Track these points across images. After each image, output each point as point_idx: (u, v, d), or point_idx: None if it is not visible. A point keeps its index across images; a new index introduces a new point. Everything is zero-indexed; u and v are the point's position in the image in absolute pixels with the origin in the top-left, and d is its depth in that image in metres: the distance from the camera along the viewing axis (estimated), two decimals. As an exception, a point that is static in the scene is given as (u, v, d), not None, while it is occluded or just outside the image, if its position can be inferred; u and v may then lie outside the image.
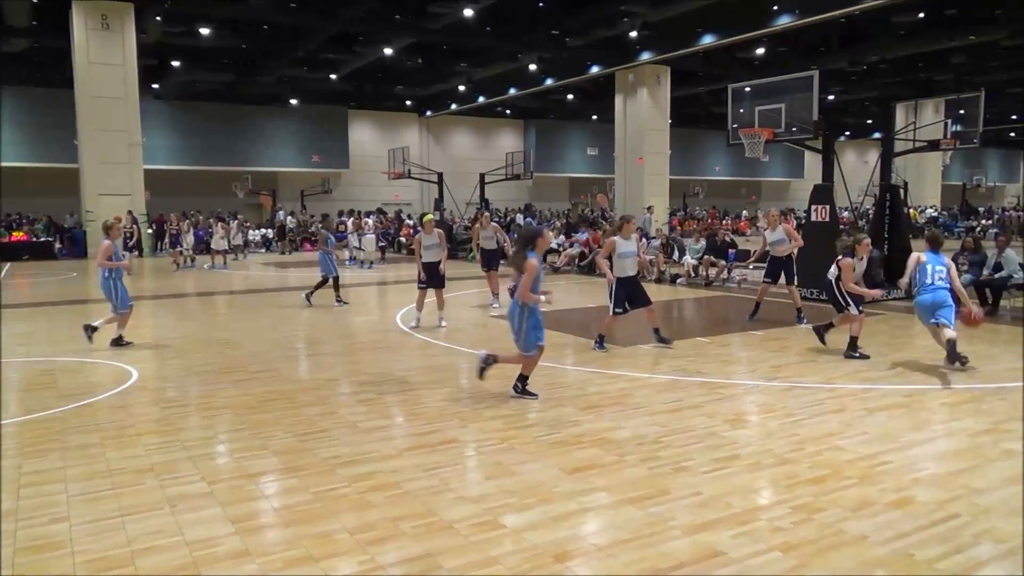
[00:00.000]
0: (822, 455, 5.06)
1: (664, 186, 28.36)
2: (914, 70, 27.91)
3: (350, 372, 7.88)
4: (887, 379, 7.28)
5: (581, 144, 41.96)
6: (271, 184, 34.51)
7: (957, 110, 16.26)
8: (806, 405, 6.34)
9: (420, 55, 27.49)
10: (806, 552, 3.65)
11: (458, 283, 17.25)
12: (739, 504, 4.24)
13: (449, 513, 4.14)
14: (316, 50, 25.76)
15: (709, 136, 41.26)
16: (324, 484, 4.60)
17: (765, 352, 8.67)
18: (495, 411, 6.22)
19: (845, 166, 15.69)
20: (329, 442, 5.43)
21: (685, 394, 6.74)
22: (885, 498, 4.31)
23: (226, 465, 5.05)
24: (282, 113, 34.96)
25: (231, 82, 30.08)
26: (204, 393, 6.98)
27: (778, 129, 13.00)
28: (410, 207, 37.26)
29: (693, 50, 24.01)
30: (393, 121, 38.54)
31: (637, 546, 3.72)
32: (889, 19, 21.64)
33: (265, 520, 4.15)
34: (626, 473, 4.75)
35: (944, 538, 3.79)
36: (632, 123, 27.59)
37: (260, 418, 6.08)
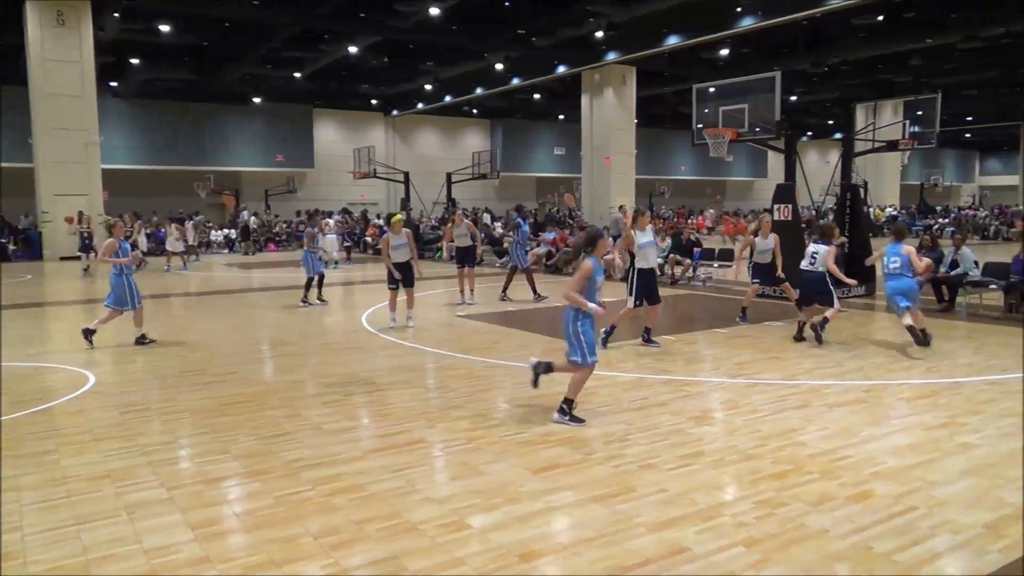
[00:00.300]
0: (784, 450, 5.13)
1: (630, 185, 28.56)
2: (874, 72, 28.47)
3: (315, 374, 7.79)
4: (847, 375, 7.41)
5: (548, 144, 42.04)
6: (234, 184, 33.99)
7: (915, 111, 16.61)
8: (769, 401, 6.42)
9: (386, 54, 27.30)
10: (768, 546, 3.69)
11: (424, 283, 17.17)
12: (703, 500, 4.27)
13: (415, 514, 4.11)
14: (280, 48, 25.43)
15: (674, 136, 41.62)
16: (287, 488, 4.53)
17: (730, 350, 8.77)
18: (462, 411, 6.20)
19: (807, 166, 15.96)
20: (293, 445, 5.36)
21: (651, 392, 6.79)
22: (845, 492, 4.37)
23: (186, 470, 4.95)
24: (245, 112, 34.46)
25: (192, 80, 29.56)
26: (164, 397, 6.85)
27: (742, 129, 13.16)
28: (376, 207, 37.00)
29: (658, 51, 24.19)
30: (359, 120, 38.22)
31: (602, 544, 3.73)
32: (850, 21, 22.04)
33: (226, 526, 4.08)
34: (592, 471, 4.76)
35: (902, 531, 3.86)
36: (598, 123, 27.73)
37: (222, 421, 5.97)
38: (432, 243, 25.16)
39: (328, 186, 36.99)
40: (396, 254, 10.57)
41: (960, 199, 53.02)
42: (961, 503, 4.22)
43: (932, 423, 5.73)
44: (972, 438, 5.36)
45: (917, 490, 4.40)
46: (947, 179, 51.48)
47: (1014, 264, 11.07)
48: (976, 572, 3.45)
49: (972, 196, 53.87)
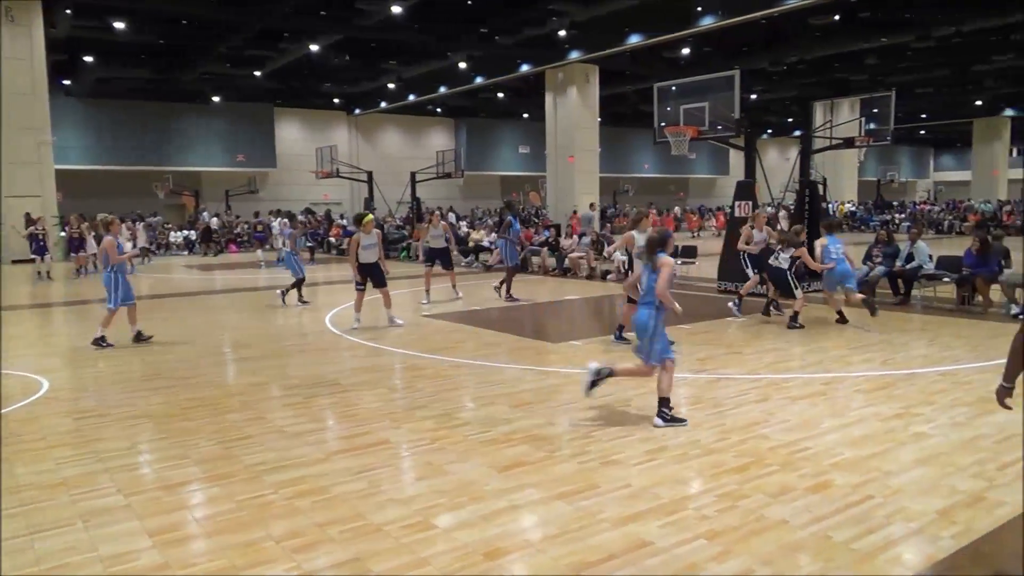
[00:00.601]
0: (746, 444, 5.20)
1: (595, 183, 28.71)
2: (831, 71, 28.98)
3: (278, 376, 7.69)
4: (807, 368, 7.54)
5: (512, 142, 42.07)
6: (194, 184, 33.43)
7: (871, 109, 17.00)
8: (731, 396, 6.51)
9: (348, 52, 27.06)
10: (730, 539, 3.74)
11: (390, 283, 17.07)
12: (667, 495, 4.31)
13: (379, 516, 4.09)
14: (240, 46, 25.04)
15: (637, 134, 41.90)
16: (249, 492, 4.47)
17: (692, 345, 8.86)
18: (427, 411, 6.17)
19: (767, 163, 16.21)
20: (255, 448, 5.29)
21: (615, 388, 6.81)
22: (804, 483, 4.45)
23: (145, 476, 4.85)
24: (205, 111, 33.88)
25: (149, 79, 28.96)
26: (121, 402, 6.70)
27: (703, 127, 13.32)
28: (340, 206, 36.68)
29: (620, 49, 24.34)
30: (321, 119, 37.83)
31: (567, 540, 3.75)
32: (807, 21, 22.43)
33: (186, 531, 4.01)
34: (556, 469, 4.78)
35: (859, 519, 3.94)
36: (562, 121, 27.83)
37: (182, 426, 5.87)
38: (397, 243, 25.03)
39: (290, 186, 36.55)
40: (366, 254, 10.46)
41: (915, 195, 54.29)
42: (915, 491, 4.32)
43: (888, 414, 5.86)
44: (926, 428, 5.50)
45: (873, 480, 4.50)
46: (903, 175, 52.73)
47: (966, 257, 11.36)
48: (930, 558, 3.54)
49: (927, 191, 55.18)
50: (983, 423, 5.56)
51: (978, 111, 39.33)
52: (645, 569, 3.45)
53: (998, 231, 13.05)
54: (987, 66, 27.86)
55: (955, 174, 57.10)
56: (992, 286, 10.92)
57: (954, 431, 5.42)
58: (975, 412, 5.84)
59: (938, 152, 61.71)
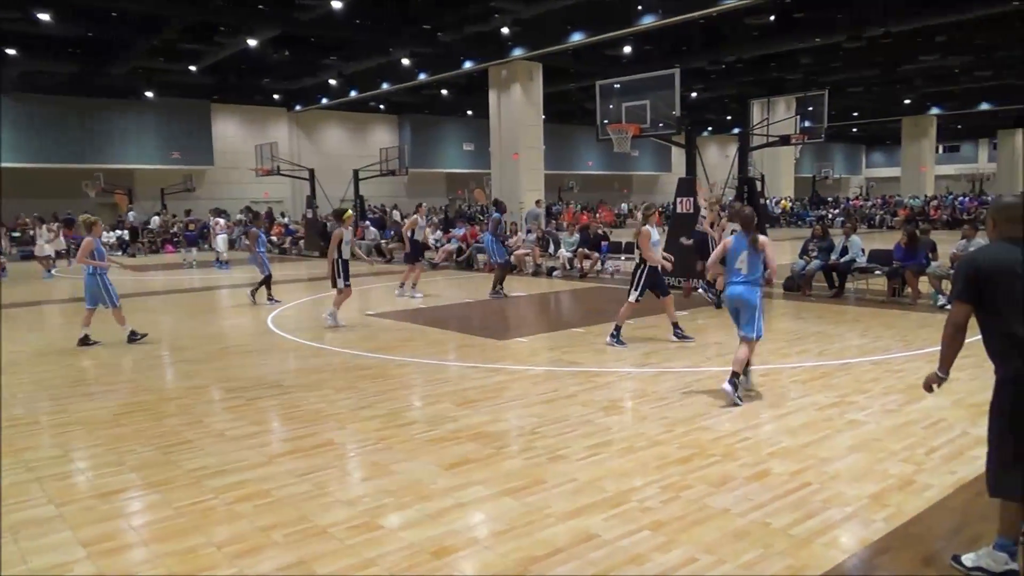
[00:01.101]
0: (689, 435, 5.30)
1: (540, 181, 28.78)
2: (767, 70, 29.67)
3: (217, 378, 7.51)
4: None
5: (457, 139, 41.90)
6: (127, 182, 32.30)
7: (806, 107, 17.46)
8: (675, 389, 6.62)
9: (287, 47, 26.52)
10: (673, 528, 3.81)
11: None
12: (612, 488, 4.37)
13: (324, 518, 4.03)
14: (173, 40, 24.29)
15: (581, 131, 42.25)
16: (189, 498, 4.36)
17: (637, 340, 8.98)
18: (372, 411, 6.11)
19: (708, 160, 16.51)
20: (194, 453, 5.15)
21: (560, 384, 6.88)
22: (745, 472, 4.56)
23: (78, 485, 4.68)
24: (137, 107, 32.73)
25: (78, 73, 27.86)
26: (52, 409, 6.45)
27: (644, 125, 13.49)
28: (281, 204, 35.98)
29: (563, 47, 24.46)
30: (260, 116, 37.00)
31: (514, 536, 3.76)
32: (743, 21, 22.92)
33: (123, 540, 3.88)
34: (503, 465, 4.79)
35: (797, 506, 4.06)
36: (507, 118, 27.83)
37: (117, 432, 5.68)
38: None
39: (229, 184, 35.67)
40: (347, 250, 10.44)
41: (849, 191, 56.10)
42: (849, 477, 4.47)
43: (823, 403, 6.05)
44: (859, 415, 5.70)
45: (810, 467, 4.63)
46: (837, 171, 54.41)
47: (896, 251, 11.80)
48: (863, 540, 3.67)
49: (860, 187, 57.06)
50: (912, 410, 5.78)
51: (906, 110, 40.83)
52: (591, 562, 3.49)
53: (925, 225, 13.55)
54: (914, 66, 28.93)
55: (886, 170, 59.19)
56: (920, 278, 11.37)
57: (886, 418, 5.62)
58: (905, 399, 6.08)
59: (870, 149, 63.94)
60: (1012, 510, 3.25)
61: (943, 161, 53.72)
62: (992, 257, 3.25)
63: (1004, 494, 3.24)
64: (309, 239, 25.56)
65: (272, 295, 13.04)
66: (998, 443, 3.27)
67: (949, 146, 56.69)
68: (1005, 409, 3.22)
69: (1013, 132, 47.31)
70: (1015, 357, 3.16)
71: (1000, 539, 3.26)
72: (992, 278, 3.20)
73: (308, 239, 25.74)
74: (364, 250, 22.42)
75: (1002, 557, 3.23)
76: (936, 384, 3.49)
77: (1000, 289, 3.18)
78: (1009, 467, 3.19)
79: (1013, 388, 3.18)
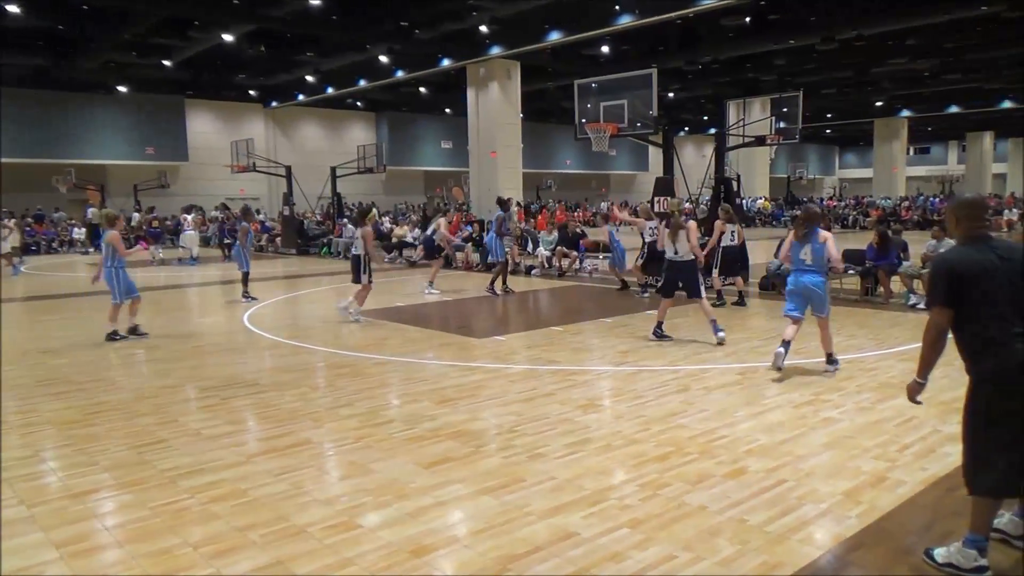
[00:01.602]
0: (666, 433, 5.34)
1: (518, 179, 28.80)
2: (743, 70, 29.95)
3: (192, 377, 7.42)
4: (723, 359, 7.79)
5: (435, 137, 41.78)
6: (99, 178, 31.81)
7: (780, 108, 17.63)
8: (652, 387, 6.66)
9: (263, 43, 26.26)
10: (651, 526, 3.83)
11: (312, 280, 16.74)
12: (590, 486, 4.38)
13: (301, 518, 4.00)
14: (145, 34, 23.93)
15: (559, 130, 42.34)
16: (163, 498, 4.31)
17: (614, 339, 9.03)
18: (350, 410, 6.08)
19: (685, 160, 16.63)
20: (169, 453, 5.09)
21: (539, 383, 6.89)
22: (721, 470, 4.61)
23: (49, 485, 4.60)
24: (110, 101, 32.23)
25: (47, 67, 27.35)
26: (20, 408, 6.33)
27: (622, 124, 13.55)
28: (257, 201, 35.63)
29: (541, 46, 24.49)
30: (236, 112, 36.61)
31: (493, 534, 3.76)
32: (720, 22, 23.11)
33: (96, 541, 3.82)
34: (482, 464, 4.79)
35: (773, 503, 4.11)
36: (484, 117, 27.80)
37: (89, 432, 5.59)
38: (317, 239, 24.51)
39: (204, 180, 35.24)
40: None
41: (823, 191, 56.80)
42: (824, 474, 4.53)
43: (799, 401, 6.12)
44: (834, 413, 5.77)
45: (786, 464, 4.69)
46: (811, 172, 55.07)
47: (868, 251, 11.96)
48: (837, 536, 3.72)
49: (834, 188, 57.80)
50: (885, 407, 5.87)
51: (878, 111, 41.44)
52: (570, 560, 3.50)
53: (897, 226, 13.77)
54: (885, 69, 29.36)
55: (859, 171, 60.05)
56: (892, 277, 11.54)
57: (859, 415, 5.71)
58: (878, 397, 6.17)
59: (843, 150, 64.81)
60: (985, 507, 3.30)
61: (914, 163, 54.59)
62: (966, 259, 3.28)
63: (981, 492, 3.28)
64: (286, 236, 25.35)
65: (248, 292, 12.92)
66: (973, 442, 3.31)
67: (920, 148, 57.63)
68: (980, 409, 3.27)
69: (981, 134, 48.27)
70: (990, 357, 3.21)
71: (971, 535, 3.31)
72: (969, 280, 3.23)
73: (285, 236, 25.52)
74: (342, 247, 22.35)
75: (971, 554, 3.28)
76: (919, 392, 3.55)
77: (977, 290, 3.22)
78: (985, 466, 3.24)
79: (989, 388, 3.23)
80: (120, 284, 9.26)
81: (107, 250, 9.29)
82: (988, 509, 3.30)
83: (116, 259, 9.23)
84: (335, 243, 22.87)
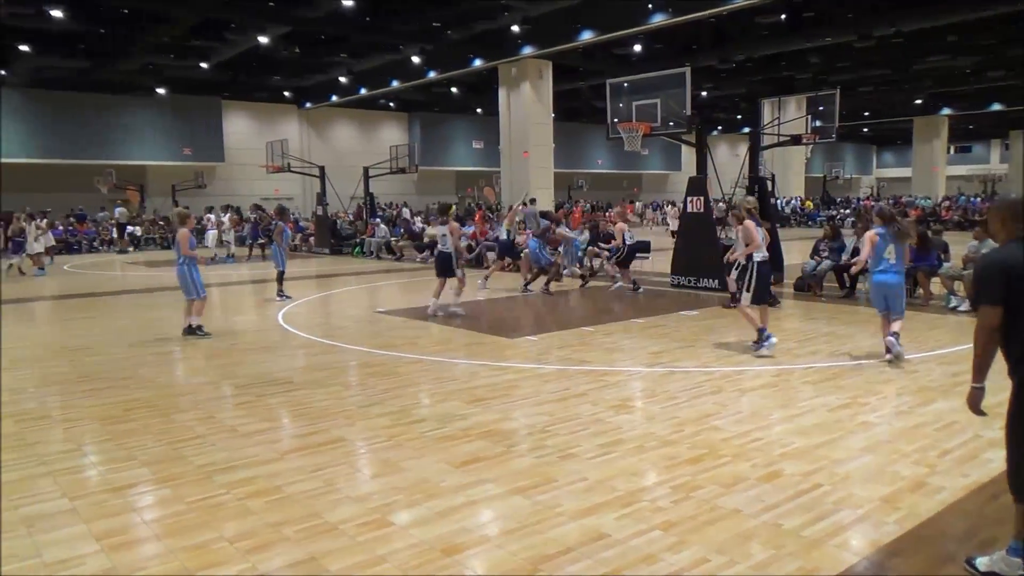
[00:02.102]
0: (700, 435, 5.28)
1: (549, 179, 28.79)
2: (777, 69, 29.54)
3: (227, 374, 7.54)
4: (758, 361, 7.69)
5: (467, 137, 41.91)
6: (138, 178, 32.48)
7: (816, 107, 17.35)
8: (685, 388, 6.60)
9: (297, 44, 26.57)
10: (684, 529, 3.80)
11: (342, 279, 16.89)
12: (623, 487, 4.36)
13: (334, 514, 4.04)
14: (184, 37, 24.37)
15: (591, 130, 42.20)
16: (200, 493, 4.38)
17: (646, 340, 8.96)
18: (381, 408, 6.12)
19: (718, 159, 16.38)
20: (205, 448, 5.17)
21: (571, 383, 6.87)
22: (756, 473, 4.55)
23: (90, 479, 4.71)
24: (149, 103, 32.88)
25: (89, 69, 27.99)
26: (63, 404, 6.49)
27: (655, 124, 13.44)
28: (292, 201, 36.06)
29: (573, 46, 24.42)
30: (270, 113, 37.11)
31: (524, 534, 3.76)
32: (753, 20, 22.84)
33: (135, 535, 3.90)
34: (513, 464, 4.79)
35: (808, 507, 4.04)
36: (516, 117, 27.82)
37: (128, 427, 5.71)
38: (350, 238, 24.72)
39: (240, 181, 35.78)
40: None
41: (860, 190, 55.82)
42: (861, 478, 4.45)
43: (835, 404, 6.02)
44: (871, 416, 5.67)
45: (822, 468, 4.61)
46: (847, 171, 54.15)
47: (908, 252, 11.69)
48: (875, 543, 3.65)
49: (871, 188, 56.78)
50: (925, 411, 5.75)
51: (917, 110, 40.60)
52: (601, 561, 3.48)
53: (937, 226, 13.47)
54: (925, 66, 28.75)
55: (897, 171, 58.88)
56: (932, 279, 11.30)
57: (898, 420, 5.59)
58: (917, 401, 6.04)
59: (880, 149, 63.61)
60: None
61: (955, 162, 53.38)
62: (1018, 259, 3.16)
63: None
64: (319, 236, 25.61)
65: (283, 290, 13.09)
66: (1018, 447, 3.20)
67: (960, 146, 56.35)
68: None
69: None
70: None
71: (1015, 543, 3.22)
72: (1017, 279, 3.11)
73: (318, 236, 25.78)
74: (375, 247, 22.50)
75: (1016, 562, 3.19)
76: (980, 400, 3.32)
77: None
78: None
79: None
80: (188, 279, 9.41)
81: (177, 248, 9.48)
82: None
83: (187, 256, 9.39)
84: (367, 243, 23.04)
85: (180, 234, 9.49)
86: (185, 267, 9.45)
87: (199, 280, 9.53)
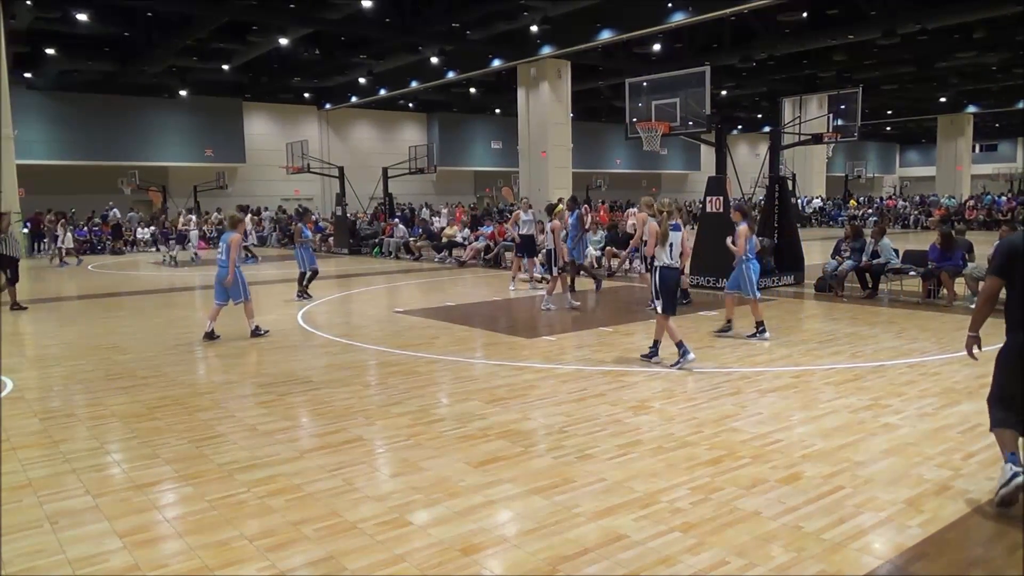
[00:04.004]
0: (719, 437, 5.25)
1: (568, 179, 28.76)
2: (799, 67, 29.31)
3: (248, 374, 7.60)
4: (777, 362, 7.63)
5: (485, 137, 41.99)
6: (161, 179, 32.89)
7: (838, 105, 17.16)
8: (704, 389, 6.57)
9: (318, 46, 26.77)
10: (703, 530, 3.77)
11: (362, 279, 16.98)
12: (641, 488, 4.34)
13: (353, 513, 4.06)
14: (206, 39, 24.66)
15: (610, 129, 42.12)
16: (221, 491, 4.42)
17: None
18: (401, 408, 6.15)
19: (738, 159, 16.33)
20: (226, 447, 5.22)
21: (589, 383, 6.86)
22: (776, 475, 4.51)
23: (113, 476, 4.77)
24: (171, 105, 33.30)
25: (114, 72, 28.40)
26: (88, 402, 6.58)
27: (674, 123, 13.37)
28: (311, 202, 36.32)
29: (592, 45, 24.39)
30: (291, 114, 37.41)
31: (543, 535, 3.76)
32: (775, 18, 22.67)
33: (157, 532, 3.94)
34: (532, 464, 4.79)
35: (829, 510, 4.00)
36: (535, 117, 27.82)
37: (151, 425, 5.78)
38: (369, 239, 24.84)
39: (260, 181, 36.11)
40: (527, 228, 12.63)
41: (882, 190, 55.18)
42: (884, 481, 4.39)
43: (857, 406, 5.96)
44: (894, 419, 5.60)
45: (843, 470, 4.56)
46: (870, 170, 53.50)
47: (931, 252, 11.57)
48: (898, 546, 3.60)
49: (893, 187, 56.12)
50: (949, 413, 5.68)
51: (942, 108, 40.08)
52: (620, 562, 3.47)
53: (961, 225, 13.29)
54: (950, 63, 28.38)
55: (920, 169, 58.17)
56: (957, 279, 11.14)
57: (921, 422, 5.52)
58: (941, 403, 5.96)
59: (903, 148, 62.82)
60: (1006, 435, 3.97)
61: (979, 160, 52.57)
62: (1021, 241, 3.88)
63: (997, 425, 4.04)
64: (339, 236, 25.77)
65: (304, 290, 13.20)
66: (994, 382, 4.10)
67: (986, 145, 55.51)
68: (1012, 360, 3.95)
69: (1053, 131, 46.20)
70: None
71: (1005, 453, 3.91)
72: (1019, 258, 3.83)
73: (338, 236, 25.94)
74: (393, 247, 22.60)
75: (1008, 468, 3.85)
76: (976, 345, 4.15)
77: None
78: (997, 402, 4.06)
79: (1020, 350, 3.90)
80: (237, 282, 9.34)
81: (226, 251, 9.31)
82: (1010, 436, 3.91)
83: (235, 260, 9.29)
84: (386, 243, 23.14)
85: (232, 239, 9.22)
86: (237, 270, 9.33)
87: (245, 283, 9.49)
